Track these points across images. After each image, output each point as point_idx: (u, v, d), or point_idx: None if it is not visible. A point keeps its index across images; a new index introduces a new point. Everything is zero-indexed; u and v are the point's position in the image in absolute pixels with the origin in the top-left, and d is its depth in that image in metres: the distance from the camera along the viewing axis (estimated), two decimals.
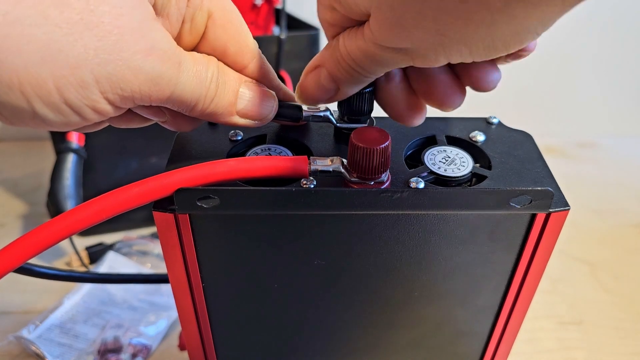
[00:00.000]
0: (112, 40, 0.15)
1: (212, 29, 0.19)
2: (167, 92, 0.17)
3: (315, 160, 0.20)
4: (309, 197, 0.19)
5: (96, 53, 0.14)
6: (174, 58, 0.17)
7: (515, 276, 0.23)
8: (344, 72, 0.19)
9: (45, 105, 0.14)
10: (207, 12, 0.18)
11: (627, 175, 0.64)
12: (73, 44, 0.14)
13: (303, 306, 0.24)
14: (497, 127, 0.25)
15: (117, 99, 0.16)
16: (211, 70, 0.19)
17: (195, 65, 0.18)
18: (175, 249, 0.21)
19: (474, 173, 0.22)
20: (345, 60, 0.19)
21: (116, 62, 0.15)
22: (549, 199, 0.20)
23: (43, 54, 0.14)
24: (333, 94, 0.20)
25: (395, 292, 0.24)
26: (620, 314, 0.43)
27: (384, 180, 0.20)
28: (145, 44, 0.16)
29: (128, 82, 0.15)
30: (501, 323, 0.26)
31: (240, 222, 0.20)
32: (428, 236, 0.21)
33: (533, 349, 0.40)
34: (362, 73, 0.19)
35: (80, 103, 0.15)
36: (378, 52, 0.18)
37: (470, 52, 0.16)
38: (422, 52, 0.17)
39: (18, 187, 0.56)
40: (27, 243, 0.17)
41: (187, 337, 0.25)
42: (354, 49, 0.18)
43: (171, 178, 0.19)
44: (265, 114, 0.21)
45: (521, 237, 0.22)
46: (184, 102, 0.18)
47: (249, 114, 0.20)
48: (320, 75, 0.20)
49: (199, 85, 0.18)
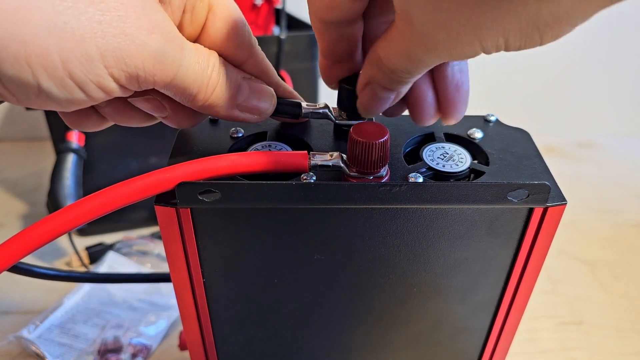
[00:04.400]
0: (116, 15, 0.15)
1: (212, 21, 0.19)
2: (170, 74, 0.17)
3: (315, 155, 0.20)
4: (308, 191, 0.19)
5: (101, 27, 0.15)
6: (176, 40, 0.17)
7: (513, 271, 0.23)
8: (395, 82, 0.19)
9: (50, 78, 0.15)
10: (208, 5, 0.19)
11: (627, 175, 0.64)
12: (78, 17, 0.14)
13: (303, 302, 0.25)
14: (494, 124, 0.26)
15: (122, 76, 0.16)
16: (212, 60, 0.19)
17: (197, 54, 0.18)
18: (176, 243, 0.21)
19: (472, 169, 0.22)
20: (392, 71, 0.19)
21: (120, 37, 0.15)
22: (546, 193, 0.20)
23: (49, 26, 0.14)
24: (394, 99, 0.20)
25: (394, 288, 0.24)
26: (620, 314, 0.43)
27: (382, 175, 0.20)
28: (148, 22, 0.16)
29: (132, 57, 0.16)
30: (500, 319, 0.26)
31: (241, 217, 0.21)
32: (426, 231, 0.22)
33: (533, 349, 0.40)
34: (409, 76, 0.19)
35: (85, 77, 0.15)
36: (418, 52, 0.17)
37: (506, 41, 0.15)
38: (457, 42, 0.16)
39: (18, 187, 0.56)
40: (31, 235, 0.17)
41: (187, 333, 0.25)
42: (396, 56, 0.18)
43: (173, 172, 0.19)
44: (264, 108, 0.21)
45: (519, 231, 0.22)
46: (186, 88, 0.18)
47: (248, 107, 0.21)
48: (375, 90, 0.20)
49: (201, 72, 0.18)
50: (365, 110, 0.21)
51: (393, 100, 0.20)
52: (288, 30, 0.47)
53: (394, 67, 0.18)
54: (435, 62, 0.18)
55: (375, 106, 0.21)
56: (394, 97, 0.20)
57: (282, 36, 0.45)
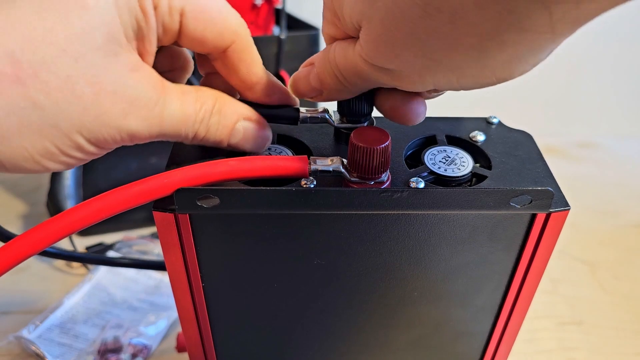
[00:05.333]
0: (92, 108, 0.17)
1: (185, 23, 0.19)
2: (152, 138, 0.19)
3: (316, 160, 0.20)
4: (308, 197, 0.19)
5: (82, 122, 0.17)
6: (155, 109, 0.18)
7: (515, 276, 0.23)
8: (330, 77, 0.20)
9: (56, 162, 0.18)
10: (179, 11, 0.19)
11: (627, 175, 0.63)
12: (62, 119, 0.17)
13: (303, 306, 0.24)
14: (497, 127, 0.25)
15: (111, 146, 0.19)
16: (202, 113, 0.20)
17: (182, 107, 0.19)
18: (175, 248, 0.21)
19: (474, 173, 0.22)
20: (331, 66, 0.19)
21: (100, 126, 0.18)
22: (549, 199, 0.20)
23: (40, 132, 0.17)
24: (318, 94, 0.21)
25: (395, 292, 0.24)
26: (620, 314, 0.43)
27: (384, 180, 0.20)
28: (122, 106, 0.18)
29: (114, 137, 0.18)
30: (501, 323, 0.26)
31: (240, 222, 0.20)
32: (428, 236, 0.21)
33: (533, 349, 0.40)
34: (344, 84, 0.20)
35: (83, 156, 0.18)
36: (364, 67, 0.18)
37: (458, 79, 0.17)
38: (409, 75, 0.17)
39: (18, 187, 0.56)
40: (27, 241, 0.17)
41: (187, 336, 0.25)
42: (341, 57, 0.19)
43: (171, 177, 0.19)
44: (256, 149, 0.22)
45: (521, 237, 0.22)
46: (171, 138, 0.20)
47: (239, 148, 0.21)
48: (310, 72, 0.21)
49: (184, 127, 0.20)
50: (293, 85, 0.22)
51: (316, 98, 0.21)
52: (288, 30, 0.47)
53: (334, 64, 0.19)
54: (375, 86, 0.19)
55: (301, 87, 0.21)
56: (318, 92, 0.21)
57: (282, 36, 0.45)
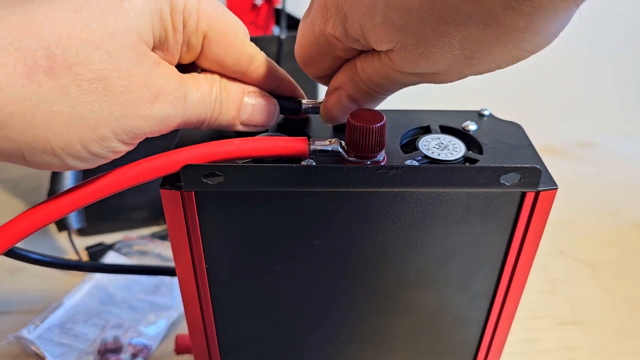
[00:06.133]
0: (123, 99, 0.17)
1: (207, 46, 0.20)
2: (175, 125, 0.20)
3: (315, 140, 0.21)
4: (309, 174, 0.20)
5: (111, 113, 0.17)
6: (179, 95, 0.19)
7: (507, 259, 0.24)
8: (364, 93, 0.21)
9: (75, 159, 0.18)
10: (202, 34, 0.20)
11: (627, 175, 0.63)
12: (91, 110, 0.17)
13: (303, 291, 0.25)
14: (488, 118, 0.27)
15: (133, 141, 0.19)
16: (214, 91, 0.21)
17: (198, 91, 0.20)
18: (180, 227, 0.22)
19: (467, 157, 0.23)
20: (365, 83, 0.21)
21: (129, 116, 0.18)
22: (537, 176, 0.20)
23: (68, 124, 0.17)
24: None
25: (393, 276, 0.24)
26: (620, 314, 0.43)
27: (380, 160, 0.21)
28: (151, 94, 0.18)
29: (140, 127, 0.18)
30: (496, 309, 0.26)
31: (242, 201, 0.21)
32: (423, 216, 0.22)
33: (534, 349, 0.40)
34: (380, 92, 0.21)
35: (103, 152, 0.18)
36: (399, 77, 0.19)
37: (499, 66, 0.18)
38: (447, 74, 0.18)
39: (18, 187, 0.56)
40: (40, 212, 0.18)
41: (189, 322, 0.25)
42: (373, 73, 0.20)
43: (178, 155, 0.20)
44: (267, 121, 0.23)
45: (512, 217, 0.22)
46: (191, 124, 0.21)
47: (251, 122, 0.22)
48: (341, 97, 0.22)
49: (203, 109, 0.20)
50: (327, 115, 0.23)
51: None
52: (288, 30, 0.47)
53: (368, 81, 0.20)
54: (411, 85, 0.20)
55: (337, 114, 0.22)
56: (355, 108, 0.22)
57: (282, 36, 0.45)
